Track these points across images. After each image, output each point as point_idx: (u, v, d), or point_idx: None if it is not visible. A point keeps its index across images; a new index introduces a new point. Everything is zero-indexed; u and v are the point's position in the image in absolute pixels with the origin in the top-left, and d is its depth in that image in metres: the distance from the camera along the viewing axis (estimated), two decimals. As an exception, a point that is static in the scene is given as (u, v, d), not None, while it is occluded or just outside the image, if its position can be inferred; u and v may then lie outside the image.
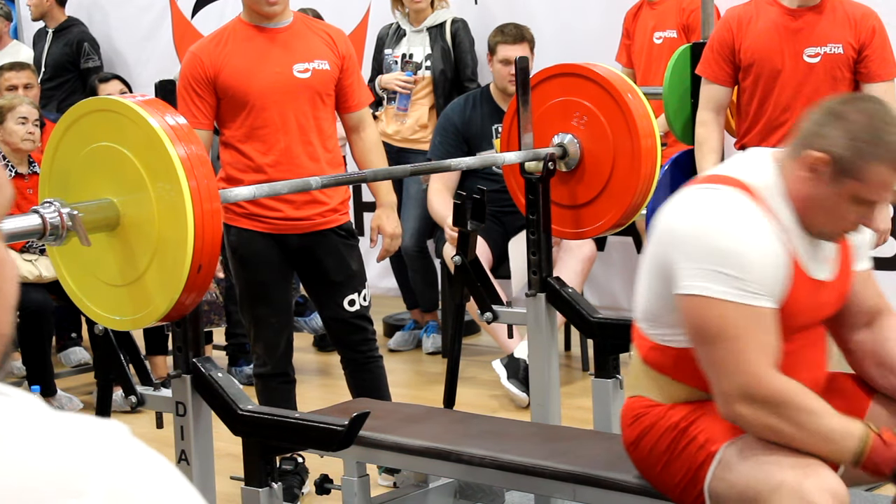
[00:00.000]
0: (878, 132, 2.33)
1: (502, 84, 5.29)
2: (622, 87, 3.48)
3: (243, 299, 3.86)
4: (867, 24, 4.04)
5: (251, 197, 2.85)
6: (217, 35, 3.80)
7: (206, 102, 3.69)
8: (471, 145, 5.28)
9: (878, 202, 2.38)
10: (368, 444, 2.84)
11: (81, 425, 0.81)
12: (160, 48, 7.39)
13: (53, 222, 2.43)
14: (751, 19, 4.16)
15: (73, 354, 5.99)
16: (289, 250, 3.79)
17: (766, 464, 2.33)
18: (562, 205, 3.58)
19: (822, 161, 2.35)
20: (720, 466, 2.39)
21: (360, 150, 3.91)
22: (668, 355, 2.52)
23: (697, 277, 2.34)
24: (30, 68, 6.40)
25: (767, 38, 4.12)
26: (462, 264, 3.53)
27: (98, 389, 2.92)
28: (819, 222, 2.42)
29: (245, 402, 2.61)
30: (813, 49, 4.06)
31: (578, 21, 5.77)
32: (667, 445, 2.49)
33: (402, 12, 5.89)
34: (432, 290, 5.82)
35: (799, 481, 2.27)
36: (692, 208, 2.42)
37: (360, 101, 3.87)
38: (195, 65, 3.70)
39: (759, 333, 2.35)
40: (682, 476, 2.46)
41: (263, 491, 2.59)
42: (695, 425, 2.46)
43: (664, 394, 2.53)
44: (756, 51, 4.13)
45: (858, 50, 4.04)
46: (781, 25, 4.10)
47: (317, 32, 3.84)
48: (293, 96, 3.72)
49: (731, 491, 2.37)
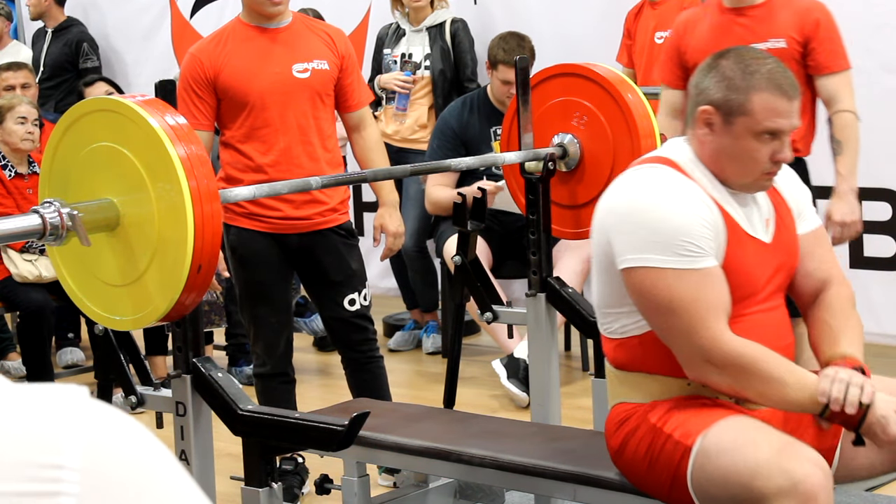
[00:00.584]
0: (747, 66, 2.46)
1: (500, 98, 5.28)
2: (622, 87, 3.48)
3: (243, 299, 3.86)
4: (811, 17, 3.97)
5: (251, 197, 2.85)
6: (216, 36, 3.80)
7: (207, 103, 3.69)
8: (469, 149, 5.26)
9: (778, 130, 2.45)
10: (368, 444, 2.84)
11: (44, 389, 0.81)
12: (159, 48, 7.39)
13: (53, 222, 2.42)
14: (697, 21, 4.15)
15: (66, 355, 5.99)
16: (289, 250, 3.78)
17: (742, 447, 2.33)
18: (562, 205, 3.57)
19: (708, 112, 2.47)
20: (698, 459, 2.38)
21: (361, 150, 3.91)
22: (632, 347, 2.54)
23: (636, 250, 2.42)
24: (27, 68, 6.39)
25: (710, 38, 4.09)
26: (462, 264, 3.53)
27: (98, 389, 2.92)
28: (735, 173, 2.50)
29: (245, 402, 2.61)
30: (756, 45, 4.02)
31: (578, 21, 5.78)
32: (646, 448, 2.49)
33: (402, 12, 5.89)
34: (432, 290, 5.82)
35: (777, 458, 2.27)
36: (621, 188, 2.54)
37: (360, 101, 3.87)
38: (195, 66, 3.70)
39: (706, 294, 2.41)
40: (666, 476, 2.45)
41: (263, 491, 2.59)
42: (669, 423, 2.46)
43: (641, 392, 2.54)
44: (700, 52, 4.10)
45: (803, 43, 3.97)
46: (724, 25, 4.07)
47: (316, 32, 3.83)
48: (293, 96, 3.72)
49: (714, 482, 2.36)
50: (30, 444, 0.77)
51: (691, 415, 2.44)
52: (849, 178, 3.96)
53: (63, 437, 0.77)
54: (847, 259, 4.99)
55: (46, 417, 0.78)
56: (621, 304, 2.53)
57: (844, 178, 3.96)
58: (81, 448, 0.77)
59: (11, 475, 0.76)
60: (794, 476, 2.23)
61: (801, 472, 2.23)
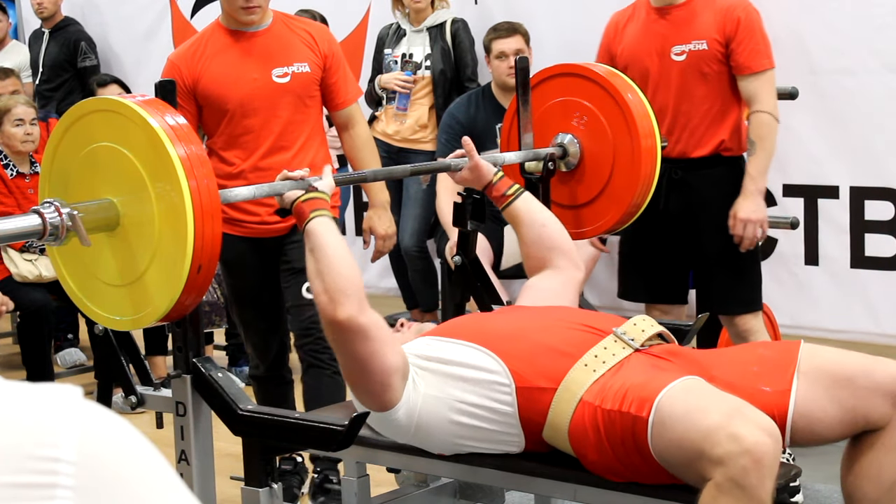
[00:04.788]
0: None
1: (501, 79, 5.29)
2: (622, 87, 3.48)
3: (231, 303, 3.88)
4: (732, 17, 3.96)
5: (251, 197, 2.85)
6: (195, 43, 3.77)
7: (187, 111, 3.64)
8: (476, 145, 5.26)
9: None
10: (368, 444, 2.84)
11: (39, 387, 0.82)
12: (159, 48, 7.37)
13: (53, 223, 2.42)
14: (627, 22, 4.16)
15: (70, 355, 6.00)
16: (269, 253, 3.78)
17: (693, 413, 2.34)
18: (562, 205, 3.57)
19: None
20: (656, 429, 2.39)
21: (350, 148, 3.88)
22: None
23: None
24: (14, 74, 6.37)
25: (637, 39, 4.10)
26: (462, 264, 3.53)
27: (98, 389, 2.92)
28: None
29: (245, 402, 2.61)
30: (679, 47, 4.02)
31: (578, 21, 5.77)
32: (606, 437, 2.48)
33: (403, 12, 5.89)
34: (432, 290, 5.82)
35: (727, 422, 2.28)
36: None
37: (346, 99, 3.84)
38: (173, 73, 3.68)
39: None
40: (636, 458, 2.45)
41: (263, 491, 2.59)
42: (623, 401, 2.46)
43: (550, 405, 2.55)
44: (628, 53, 4.12)
45: (725, 43, 3.97)
46: (650, 26, 4.07)
47: (297, 32, 3.79)
48: (273, 102, 3.69)
49: (673, 450, 2.37)
50: (27, 437, 0.78)
51: (636, 383, 2.46)
52: (758, 178, 3.98)
53: (59, 431, 0.78)
54: (847, 259, 4.99)
55: (43, 412, 0.80)
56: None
57: (753, 179, 3.98)
58: (76, 443, 0.78)
59: (9, 467, 0.77)
60: (743, 442, 2.24)
61: (751, 439, 2.24)
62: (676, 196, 4.09)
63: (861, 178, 4.93)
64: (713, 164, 4.08)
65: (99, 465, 0.79)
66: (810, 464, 3.04)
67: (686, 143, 4.07)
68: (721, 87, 4.02)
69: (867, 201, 4.92)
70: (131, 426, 0.83)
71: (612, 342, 2.63)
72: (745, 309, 4.14)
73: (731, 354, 2.77)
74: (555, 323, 2.74)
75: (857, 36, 4.87)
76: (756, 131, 3.97)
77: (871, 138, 4.89)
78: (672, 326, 2.95)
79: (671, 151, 4.05)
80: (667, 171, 4.09)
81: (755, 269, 4.17)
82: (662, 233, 4.12)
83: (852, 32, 4.87)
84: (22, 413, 0.79)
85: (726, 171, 4.08)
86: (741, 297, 4.13)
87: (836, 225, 4.98)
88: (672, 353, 2.67)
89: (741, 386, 2.55)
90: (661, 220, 4.07)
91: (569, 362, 2.58)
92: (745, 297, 4.14)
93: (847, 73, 4.89)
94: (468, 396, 2.61)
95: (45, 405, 0.80)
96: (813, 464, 3.63)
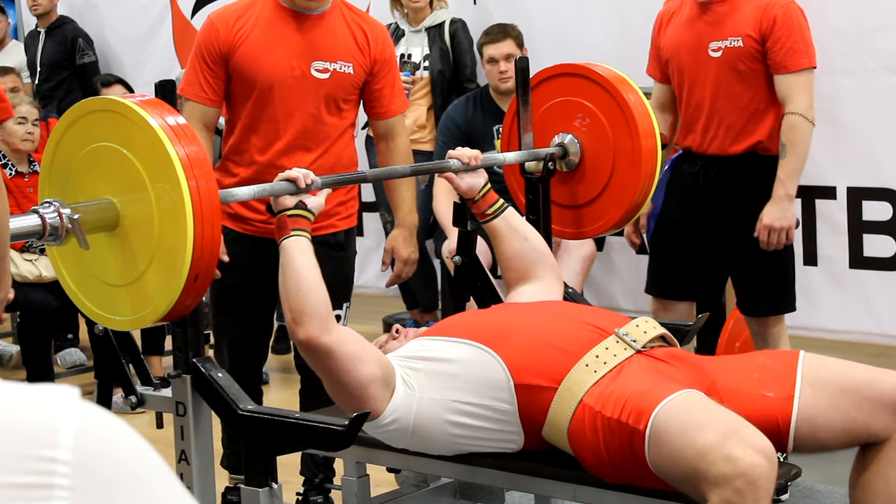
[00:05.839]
0: None
1: (494, 83, 5.31)
2: (622, 87, 3.48)
3: (212, 302, 3.61)
4: (769, 14, 3.92)
5: (251, 197, 2.82)
6: (241, 8, 3.47)
7: (218, 77, 3.42)
8: (473, 146, 5.25)
9: None
10: (368, 444, 2.83)
11: (35, 387, 0.82)
12: (160, 48, 7.38)
13: (53, 223, 2.43)
14: (672, 15, 4.15)
15: (70, 355, 6.00)
16: (270, 258, 3.31)
17: (689, 431, 2.33)
18: (562, 205, 3.57)
19: None
20: (653, 443, 2.39)
21: (385, 161, 3.61)
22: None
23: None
24: (14, 72, 6.38)
25: (679, 34, 4.08)
26: (462, 264, 3.53)
27: (98, 389, 2.92)
28: None
29: (245, 402, 2.61)
30: (716, 43, 4.00)
31: (577, 21, 5.77)
32: (605, 444, 2.48)
33: (401, 12, 5.89)
34: (432, 290, 5.82)
35: (721, 441, 2.26)
36: None
37: (388, 110, 3.57)
38: (211, 35, 3.43)
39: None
40: (634, 468, 2.45)
41: (263, 491, 2.59)
42: (622, 410, 2.45)
43: (551, 405, 2.55)
44: (670, 47, 4.12)
45: (760, 41, 3.94)
46: (692, 20, 4.06)
47: (352, 27, 3.50)
48: (305, 95, 3.42)
49: (670, 465, 2.36)
50: (24, 437, 0.78)
51: (632, 394, 2.45)
52: (787, 183, 3.90)
53: (56, 431, 0.79)
54: (847, 259, 4.99)
55: (40, 413, 0.80)
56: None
57: (782, 183, 3.90)
58: (73, 443, 0.78)
59: (6, 467, 0.77)
60: (738, 465, 2.23)
61: (746, 461, 2.23)
62: (710, 193, 4.07)
63: (858, 179, 4.94)
64: (749, 163, 4.03)
65: (96, 465, 0.79)
66: (810, 464, 3.03)
67: (722, 140, 4.04)
68: (759, 86, 3.97)
69: (865, 202, 4.93)
70: (129, 426, 0.83)
71: (614, 342, 2.63)
72: (772, 311, 4.12)
73: (732, 361, 2.77)
74: (554, 318, 2.73)
75: (855, 36, 4.87)
76: (787, 134, 3.89)
77: (868, 139, 4.89)
78: (672, 326, 2.95)
79: (707, 148, 4.04)
80: (702, 167, 4.09)
81: (786, 271, 4.11)
82: (699, 230, 4.11)
83: (850, 33, 4.87)
84: (19, 413, 0.79)
85: (762, 170, 4.00)
86: (769, 298, 4.10)
87: (835, 225, 4.98)
88: (674, 356, 2.66)
89: (744, 391, 2.55)
90: (698, 217, 4.07)
91: (569, 361, 2.57)
92: (773, 298, 4.10)
93: (845, 73, 4.89)
94: (465, 395, 2.61)
95: (42, 405, 0.80)
96: (813, 464, 3.63)
